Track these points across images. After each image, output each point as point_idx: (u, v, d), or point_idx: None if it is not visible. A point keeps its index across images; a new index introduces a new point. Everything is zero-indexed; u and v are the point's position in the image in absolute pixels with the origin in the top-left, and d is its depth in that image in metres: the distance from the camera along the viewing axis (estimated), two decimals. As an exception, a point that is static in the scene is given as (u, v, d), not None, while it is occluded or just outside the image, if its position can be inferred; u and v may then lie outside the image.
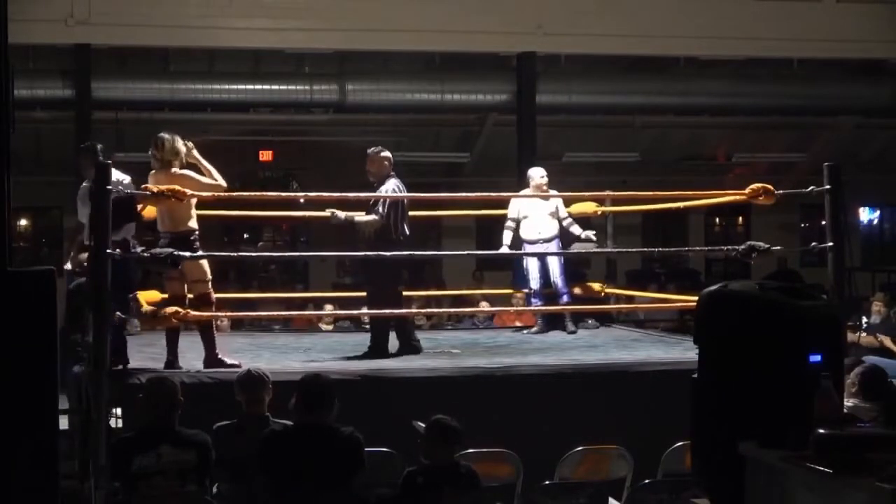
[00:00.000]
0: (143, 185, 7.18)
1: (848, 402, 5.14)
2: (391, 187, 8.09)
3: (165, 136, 7.39)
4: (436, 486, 5.27)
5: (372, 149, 8.37)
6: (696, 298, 5.14)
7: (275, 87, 15.83)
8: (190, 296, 7.33)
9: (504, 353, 8.38)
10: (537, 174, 9.50)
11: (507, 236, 9.56)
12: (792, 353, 4.47)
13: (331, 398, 5.33)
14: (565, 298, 9.44)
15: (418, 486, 5.27)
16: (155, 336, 8.07)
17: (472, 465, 5.62)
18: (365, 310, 8.70)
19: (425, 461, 5.45)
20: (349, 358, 7.92)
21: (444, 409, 5.62)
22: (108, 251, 6.68)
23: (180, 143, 7.34)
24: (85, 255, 7.50)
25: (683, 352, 7.75)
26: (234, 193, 8.29)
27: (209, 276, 7.36)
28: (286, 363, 7.58)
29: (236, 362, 7.18)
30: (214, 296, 7.44)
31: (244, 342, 8.92)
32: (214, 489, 5.59)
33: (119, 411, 6.39)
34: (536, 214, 9.44)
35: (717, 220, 21.44)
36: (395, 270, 8.18)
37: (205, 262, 7.34)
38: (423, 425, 5.55)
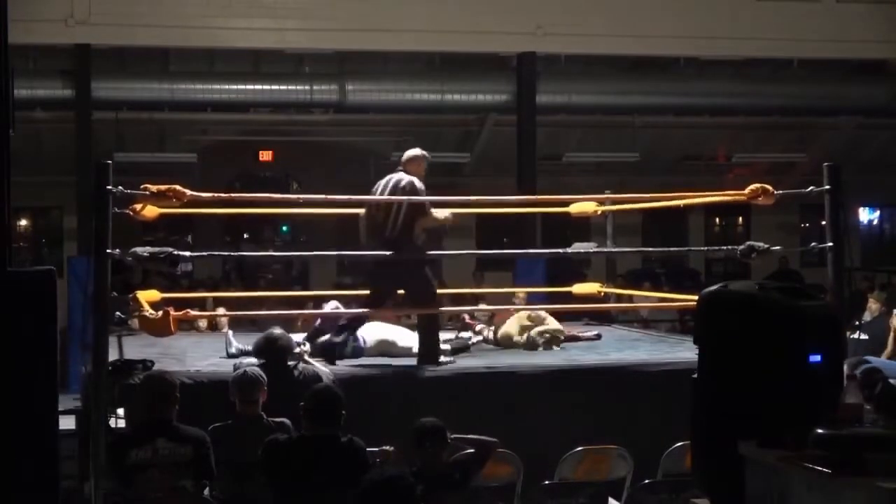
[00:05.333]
0: (142, 185, 7.17)
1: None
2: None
3: None
4: (427, 485, 5.26)
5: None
6: (696, 298, 5.14)
7: (275, 87, 15.84)
8: None
9: (504, 353, 8.37)
10: None
11: None
12: (792, 353, 4.47)
13: (339, 411, 5.35)
14: None
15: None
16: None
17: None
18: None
19: (416, 461, 5.45)
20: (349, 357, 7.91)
21: (444, 409, 5.63)
22: (108, 251, 6.68)
23: None
24: None
25: (683, 352, 7.74)
26: (235, 194, 8.27)
27: None
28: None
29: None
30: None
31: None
32: (207, 492, 5.58)
33: (121, 411, 6.39)
34: None
35: (717, 220, 21.45)
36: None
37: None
38: None
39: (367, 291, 7.98)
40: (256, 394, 5.93)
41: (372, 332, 7.80)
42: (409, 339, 7.75)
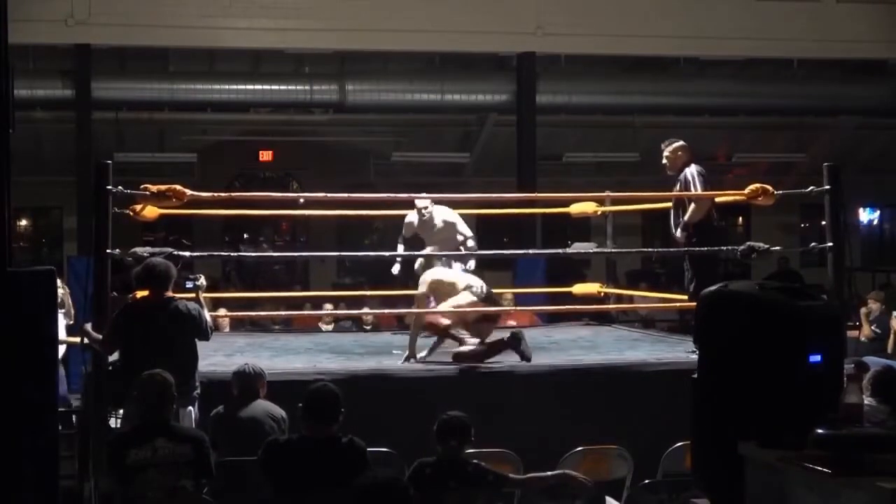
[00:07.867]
0: (142, 185, 7.17)
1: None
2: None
3: None
4: (442, 479, 5.26)
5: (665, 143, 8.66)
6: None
7: (275, 87, 15.84)
8: None
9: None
10: None
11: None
12: (792, 353, 4.47)
13: (337, 409, 5.34)
14: None
15: (426, 476, 5.27)
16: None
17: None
18: (367, 309, 8.69)
19: (436, 455, 5.44)
20: (349, 358, 7.92)
21: (444, 409, 5.62)
22: (108, 251, 6.68)
23: None
24: None
25: (684, 352, 7.74)
26: (235, 193, 8.27)
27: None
28: (287, 363, 7.58)
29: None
30: None
31: (244, 342, 8.91)
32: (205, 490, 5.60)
33: (122, 411, 6.40)
34: None
35: (717, 220, 21.39)
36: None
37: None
38: None
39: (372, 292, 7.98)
40: (256, 385, 6.11)
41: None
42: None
